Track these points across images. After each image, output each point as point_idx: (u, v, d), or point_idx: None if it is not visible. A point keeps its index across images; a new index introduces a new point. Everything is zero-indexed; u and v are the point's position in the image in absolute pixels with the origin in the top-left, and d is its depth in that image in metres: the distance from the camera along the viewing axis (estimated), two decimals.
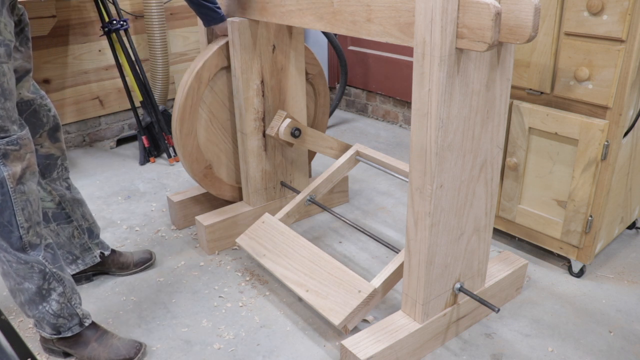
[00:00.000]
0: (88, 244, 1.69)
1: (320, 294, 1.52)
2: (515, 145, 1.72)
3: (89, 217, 1.68)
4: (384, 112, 3.28)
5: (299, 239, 1.70)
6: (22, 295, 1.38)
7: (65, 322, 1.42)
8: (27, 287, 1.37)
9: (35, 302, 1.39)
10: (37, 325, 1.44)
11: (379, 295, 1.50)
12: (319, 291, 1.53)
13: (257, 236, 1.78)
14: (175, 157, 2.72)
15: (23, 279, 1.36)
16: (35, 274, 1.35)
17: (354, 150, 1.97)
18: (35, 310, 1.40)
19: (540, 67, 1.60)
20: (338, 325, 1.44)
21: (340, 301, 1.47)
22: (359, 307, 1.46)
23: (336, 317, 1.45)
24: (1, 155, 1.25)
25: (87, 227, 1.67)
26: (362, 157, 1.97)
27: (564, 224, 1.69)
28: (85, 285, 1.76)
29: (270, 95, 1.87)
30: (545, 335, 1.53)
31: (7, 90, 1.23)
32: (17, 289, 1.37)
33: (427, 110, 1.17)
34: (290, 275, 1.61)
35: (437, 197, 1.24)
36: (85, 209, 1.67)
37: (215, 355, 1.48)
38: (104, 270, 1.77)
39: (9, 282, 1.37)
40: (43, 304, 1.39)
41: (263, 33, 1.77)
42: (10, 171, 1.26)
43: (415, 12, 1.11)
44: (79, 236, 1.66)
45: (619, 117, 1.50)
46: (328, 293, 1.51)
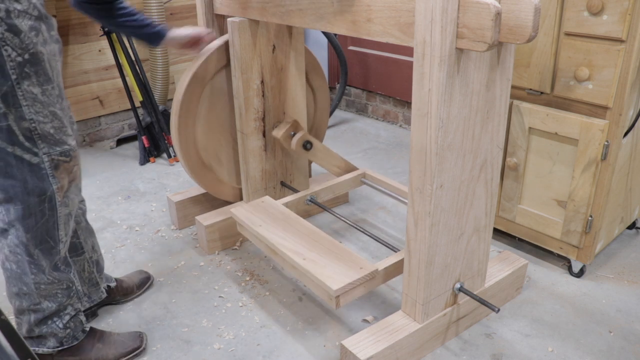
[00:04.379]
0: (96, 279, 1.57)
1: (318, 264, 1.46)
2: (515, 145, 1.72)
3: (97, 249, 1.58)
4: (384, 112, 3.28)
5: (300, 220, 1.66)
6: (33, 315, 1.32)
7: (70, 333, 1.39)
8: (45, 307, 1.32)
9: (45, 320, 1.34)
10: (34, 342, 1.36)
11: (379, 279, 1.48)
12: (317, 261, 1.47)
13: (255, 210, 1.74)
14: (175, 157, 2.72)
15: (44, 298, 1.31)
16: (60, 292, 1.32)
17: (360, 172, 2.02)
18: (44, 327, 1.34)
19: (540, 67, 1.60)
20: (335, 292, 1.37)
21: (340, 272, 1.42)
22: (359, 280, 1.41)
23: (334, 283, 1.39)
24: (53, 166, 1.22)
25: (95, 259, 1.56)
26: (367, 179, 2.03)
27: (564, 224, 1.69)
28: None
29: (270, 95, 1.87)
30: (545, 335, 1.53)
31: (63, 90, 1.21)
32: (30, 310, 1.31)
33: (427, 110, 1.17)
34: (288, 244, 1.54)
35: (437, 197, 1.24)
36: (95, 240, 1.57)
37: (215, 355, 1.48)
38: (109, 301, 1.67)
39: (22, 303, 1.30)
40: (54, 319, 1.35)
41: (263, 33, 1.77)
42: (58, 184, 1.24)
43: (415, 12, 1.11)
44: (89, 269, 1.54)
45: (619, 117, 1.50)
46: (327, 264, 1.46)
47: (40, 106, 1.17)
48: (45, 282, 1.30)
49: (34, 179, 1.21)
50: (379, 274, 1.47)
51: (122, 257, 1.94)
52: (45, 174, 1.22)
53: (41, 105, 1.17)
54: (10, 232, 1.25)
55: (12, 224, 1.24)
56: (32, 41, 1.13)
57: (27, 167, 1.20)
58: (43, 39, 1.15)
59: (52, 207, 1.25)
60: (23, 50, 1.12)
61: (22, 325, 1.36)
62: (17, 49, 1.11)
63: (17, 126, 1.16)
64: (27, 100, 1.15)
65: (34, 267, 1.28)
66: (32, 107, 1.16)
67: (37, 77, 1.15)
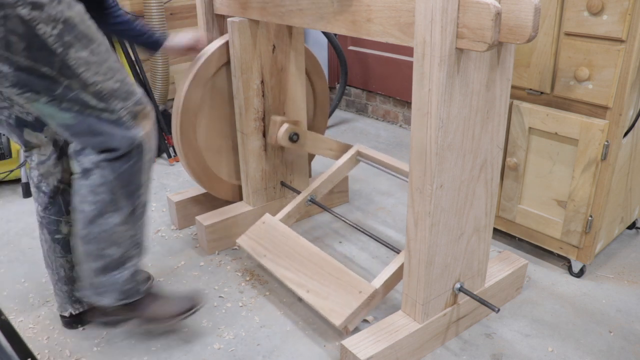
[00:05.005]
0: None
1: (320, 295, 1.51)
2: (515, 145, 1.72)
3: None
4: (384, 112, 3.28)
5: (299, 240, 1.70)
6: (96, 262, 1.32)
7: (131, 287, 1.38)
8: (110, 253, 1.32)
9: (108, 269, 1.34)
10: (94, 294, 1.37)
11: (380, 296, 1.50)
12: (319, 292, 1.52)
13: (258, 237, 1.78)
14: (175, 157, 2.72)
15: (112, 244, 1.31)
16: (127, 240, 1.33)
17: (354, 151, 1.97)
18: (104, 277, 1.34)
19: (540, 67, 1.60)
20: (339, 326, 1.44)
21: (341, 302, 1.47)
22: (360, 307, 1.46)
23: (337, 318, 1.45)
24: (132, 117, 1.25)
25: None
26: (362, 157, 1.97)
27: (564, 224, 1.69)
28: None
29: (270, 95, 1.87)
30: (545, 335, 1.53)
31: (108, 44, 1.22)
32: (96, 255, 1.31)
33: (427, 110, 1.17)
34: (291, 275, 1.61)
35: (437, 197, 1.25)
36: None
37: (215, 355, 1.48)
38: None
39: (90, 247, 1.31)
40: (116, 271, 1.35)
41: (263, 33, 1.77)
42: (143, 131, 1.27)
43: (415, 12, 1.11)
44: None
45: (619, 117, 1.50)
46: (329, 294, 1.51)
47: (96, 66, 1.18)
48: (118, 224, 1.30)
49: (119, 131, 1.24)
50: (378, 292, 1.49)
51: None
52: (128, 126, 1.25)
53: (96, 65, 1.18)
54: (94, 172, 1.26)
55: (99, 164, 1.26)
56: (58, 10, 1.11)
57: (109, 124, 1.23)
58: (66, 3, 1.14)
59: (140, 152, 1.28)
60: (55, 22, 1.11)
61: (84, 273, 1.35)
62: (50, 23, 1.10)
63: (85, 93, 1.18)
64: (81, 67, 1.16)
65: (112, 207, 1.29)
66: (88, 71, 1.17)
67: (79, 42, 1.15)
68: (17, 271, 1.87)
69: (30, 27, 1.08)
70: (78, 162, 1.28)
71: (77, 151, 1.28)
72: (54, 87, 1.15)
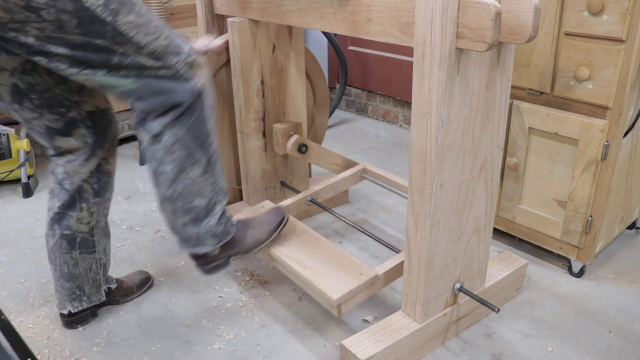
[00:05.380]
0: (100, 281, 1.57)
1: (319, 272, 1.47)
2: (515, 145, 1.72)
3: (108, 253, 1.58)
4: (384, 112, 3.28)
5: (300, 224, 1.67)
6: (186, 215, 1.37)
7: (223, 228, 1.44)
8: (196, 205, 1.37)
9: (199, 219, 1.39)
10: (194, 246, 1.43)
11: (380, 284, 1.48)
12: (317, 269, 1.48)
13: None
14: None
15: (197, 195, 1.36)
16: (209, 187, 1.37)
17: (360, 167, 2.00)
18: (199, 227, 1.40)
19: (540, 67, 1.60)
20: (335, 301, 1.38)
21: (340, 280, 1.43)
22: (359, 287, 1.42)
23: (334, 292, 1.40)
24: (188, 68, 1.28)
25: (104, 262, 1.57)
26: (367, 174, 2.00)
27: (564, 224, 1.69)
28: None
29: (270, 95, 1.87)
30: (545, 335, 1.53)
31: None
32: (184, 210, 1.36)
33: (427, 110, 1.17)
34: (288, 252, 1.56)
35: (437, 197, 1.25)
36: (108, 243, 1.58)
37: (215, 355, 1.48)
38: (109, 302, 1.66)
39: (178, 204, 1.35)
40: (207, 218, 1.40)
41: (263, 33, 1.77)
42: (201, 81, 1.30)
43: (415, 12, 1.11)
44: (95, 270, 1.54)
45: (619, 117, 1.50)
46: (327, 272, 1.47)
47: (144, 27, 1.20)
48: (199, 176, 1.34)
49: (180, 85, 1.27)
50: (379, 279, 1.47)
51: (122, 257, 1.94)
52: (186, 78, 1.28)
53: (144, 26, 1.20)
54: (165, 134, 1.29)
55: (168, 126, 1.28)
56: None
57: (168, 80, 1.25)
58: None
59: (201, 102, 1.31)
60: None
61: (179, 229, 1.41)
62: None
63: (139, 56, 1.20)
64: (131, 31, 1.17)
65: (191, 160, 1.33)
66: (139, 34, 1.18)
67: (124, 7, 1.17)
68: (17, 271, 1.87)
69: (77, 2, 1.09)
70: (145, 129, 1.30)
71: (141, 120, 1.30)
72: (110, 58, 1.17)
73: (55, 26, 1.09)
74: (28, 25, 1.08)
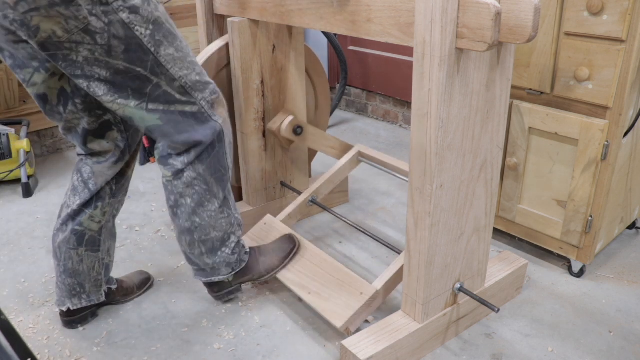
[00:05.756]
0: (101, 281, 1.58)
1: (322, 296, 1.51)
2: (515, 145, 1.72)
3: (112, 254, 1.60)
4: (384, 112, 3.28)
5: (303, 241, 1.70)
6: (202, 247, 1.46)
7: (237, 258, 1.53)
8: (214, 236, 1.45)
9: (215, 249, 1.48)
10: (209, 274, 1.52)
11: (381, 297, 1.51)
12: (320, 293, 1.52)
13: (259, 238, 1.78)
14: None
15: (213, 229, 1.44)
16: (224, 220, 1.45)
17: (355, 151, 1.97)
18: (215, 256, 1.49)
19: (540, 67, 1.60)
20: (340, 328, 1.43)
21: (342, 303, 1.47)
22: (361, 309, 1.46)
23: (338, 319, 1.45)
24: (210, 106, 1.35)
25: (107, 262, 1.58)
26: (364, 157, 1.97)
27: (564, 224, 1.69)
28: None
29: (270, 95, 1.87)
30: (545, 335, 1.53)
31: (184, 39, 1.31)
32: (200, 241, 1.45)
33: (427, 110, 1.17)
34: (292, 277, 1.61)
35: (437, 197, 1.25)
36: (113, 245, 1.59)
37: (215, 355, 1.48)
38: (109, 302, 1.66)
39: (193, 236, 1.43)
40: (222, 248, 1.49)
41: (263, 33, 1.77)
42: (221, 119, 1.38)
43: (415, 12, 1.11)
44: (98, 270, 1.55)
45: (619, 117, 1.50)
46: (330, 295, 1.51)
47: (181, 62, 1.28)
48: (216, 209, 1.43)
49: (201, 123, 1.35)
50: (379, 294, 1.49)
51: (122, 257, 1.94)
52: (208, 115, 1.35)
53: (181, 61, 1.28)
54: (187, 170, 1.37)
55: (190, 163, 1.37)
56: (149, 11, 1.21)
57: (191, 117, 1.33)
58: (154, 5, 1.23)
59: (221, 139, 1.39)
60: (147, 23, 1.20)
61: (195, 260, 1.50)
62: (143, 24, 1.20)
63: (170, 88, 1.28)
64: (169, 63, 1.26)
65: (209, 195, 1.42)
66: (175, 67, 1.27)
67: (166, 40, 1.25)
68: (17, 271, 1.87)
69: (129, 29, 1.18)
70: (169, 165, 1.38)
71: (166, 156, 1.38)
72: (144, 87, 1.25)
73: (104, 50, 1.17)
74: (81, 46, 1.16)
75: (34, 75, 1.28)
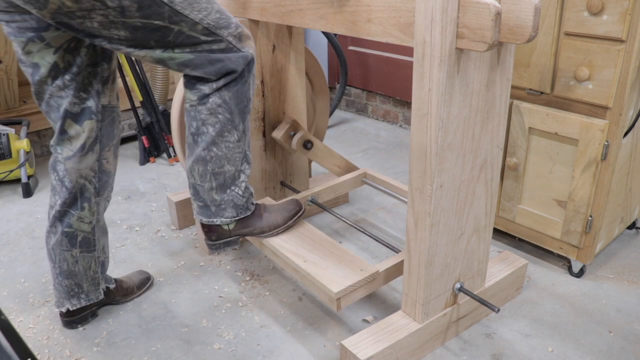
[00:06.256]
0: (98, 279, 1.58)
1: (319, 266, 1.47)
2: (515, 145, 1.72)
3: (107, 250, 1.60)
4: (384, 112, 3.28)
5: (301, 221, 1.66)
6: (214, 180, 1.43)
7: (245, 203, 1.49)
8: (227, 170, 1.43)
9: (225, 186, 1.45)
10: (214, 212, 1.48)
11: (380, 281, 1.48)
12: (318, 263, 1.48)
13: None
14: (175, 157, 2.72)
15: (227, 161, 1.42)
16: (238, 155, 1.43)
17: (361, 172, 2.00)
18: (223, 194, 1.45)
19: (540, 67, 1.60)
20: (336, 294, 1.38)
21: (341, 274, 1.43)
22: (359, 282, 1.42)
23: (335, 285, 1.39)
24: (237, 40, 1.34)
25: (102, 260, 1.57)
26: (368, 179, 2.01)
27: (564, 224, 1.69)
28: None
29: (270, 95, 1.87)
30: (545, 335, 1.53)
31: None
32: (213, 173, 1.42)
33: (427, 110, 1.17)
34: (288, 246, 1.55)
35: (437, 197, 1.25)
36: (107, 241, 1.59)
37: (215, 355, 1.48)
38: (109, 302, 1.67)
39: (209, 167, 1.41)
40: (232, 187, 1.45)
41: (263, 33, 1.77)
42: (250, 50, 1.37)
43: (415, 12, 1.11)
44: (94, 269, 1.55)
45: (619, 117, 1.50)
46: (328, 266, 1.46)
47: (197, 4, 1.26)
48: (234, 141, 1.41)
49: (233, 54, 1.34)
50: (380, 276, 1.47)
51: (122, 257, 1.94)
52: (237, 48, 1.34)
53: (197, 3, 1.26)
54: (212, 96, 1.35)
55: (218, 89, 1.35)
56: None
57: (221, 52, 1.32)
58: None
59: (250, 69, 1.38)
60: None
61: (202, 194, 1.46)
62: None
63: (194, 32, 1.26)
64: (186, 9, 1.23)
65: (230, 125, 1.39)
66: (193, 11, 1.25)
67: None
68: (17, 271, 1.87)
69: None
70: (195, 90, 1.35)
71: (195, 79, 1.35)
72: (166, 36, 1.24)
73: (117, 12, 1.16)
74: (93, 13, 1.15)
75: (27, 44, 1.27)
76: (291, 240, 1.58)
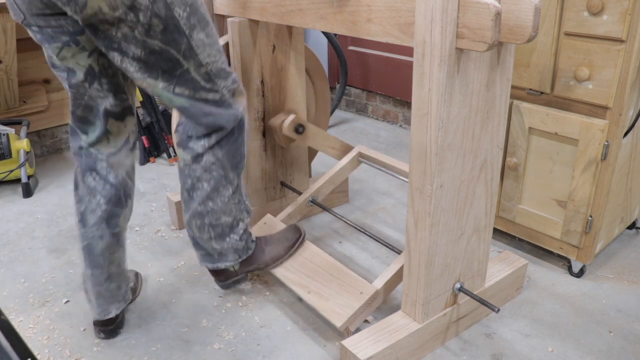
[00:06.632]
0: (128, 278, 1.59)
1: (322, 296, 1.51)
2: (515, 145, 1.72)
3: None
4: (384, 112, 3.28)
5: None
6: (212, 231, 1.46)
7: (244, 245, 1.54)
8: (223, 222, 1.46)
9: (224, 235, 1.48)
10: (217, 259, 1.52)
11: (381, 297, 1.51)
12: (320, 293, 1.52)
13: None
14: (175, 157, 2.72)
15: (223, 214, 1.45)
16: (234, 207, 1.45)
17: (356, 152, 1.97)
18: (223, 242, 1.49)
19: (540, 67, 1.60)
20: (340, 328, 1.43)
21: (342, 303, 1.47)
22: (361, 308, 1.46)
23: (338, 319, 1.45)
24: (231, 95, 1.36)
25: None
26: (364, 158, 1.97)
27: (564, 224, 1.69)
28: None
29: (270, 95, 1.87)
30: (545, 335, 1.53)
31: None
32: (210, 226, 1.45)
33: (427, 110, 1.17)
34: (292, 276, 1.61)
35: (437, 197, 1.25)
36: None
37: (215, 355, 1.48)
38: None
39: (207, 220, 1.44)
40: (230, 234, 1.49)
41: (263, 33, 1.77)
42: (241, 107, 1.39)
43: (415, 12, 1.11)
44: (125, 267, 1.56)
45: (619, 117, 1.50)
46: (330, 294, 1.51)
47: (210, 48, 1.28)
48: (229, 195, 1.44)
49: (224, 110, 1.36)
50: (379, 294, 1.50)
51: None
52: (230, 104, 1.37)
53: (210, 47, 1.28)
54: (206, 155, 1.38)
55: (210, 147, 1.38)
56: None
57: (214, 105, 1.34)
58: None
59: (241, 127, 1.41)
60: (185, 5, 1.20)
61: (203, 244, 1.50)
62: (182, 5, 1.20)
63: (197, 74, 1.28)
64: (199, 48, 1.26)
65: (225, 181, 1.42)
66: (204, 53, 1.27)
67: (199, 24, 1.25)
68: (17, 271, 1.87)
69: (170, 9, 1.18)
70: (188, 149, 1.39)
71: (186, 139, 1.38)
72: (174, 70, 1.26)
73: (145, 29, 1.18)
74: (123, 23, 1.16)
75: (62, 49, 1.26)
76: (293, 267, 1.64)
